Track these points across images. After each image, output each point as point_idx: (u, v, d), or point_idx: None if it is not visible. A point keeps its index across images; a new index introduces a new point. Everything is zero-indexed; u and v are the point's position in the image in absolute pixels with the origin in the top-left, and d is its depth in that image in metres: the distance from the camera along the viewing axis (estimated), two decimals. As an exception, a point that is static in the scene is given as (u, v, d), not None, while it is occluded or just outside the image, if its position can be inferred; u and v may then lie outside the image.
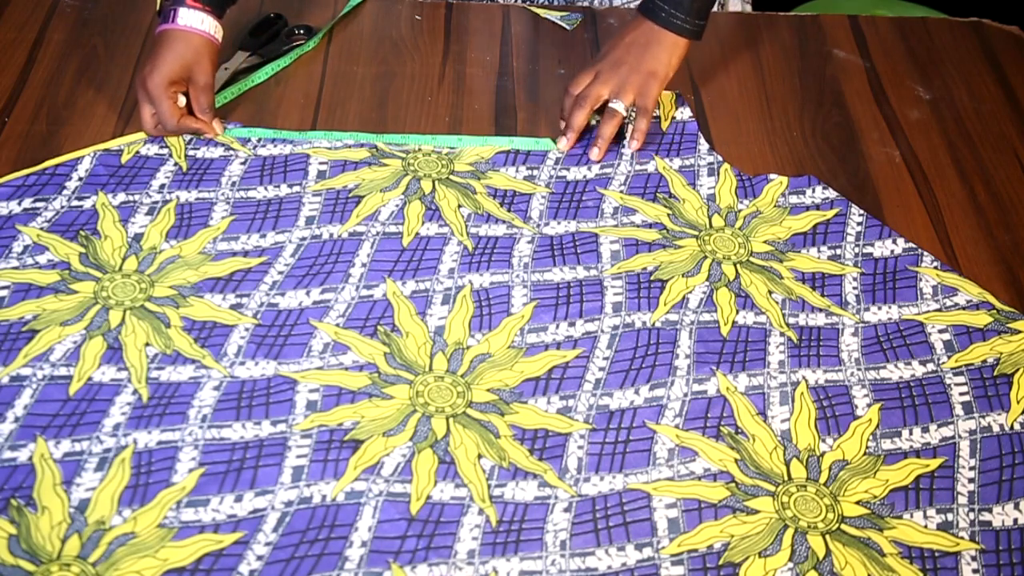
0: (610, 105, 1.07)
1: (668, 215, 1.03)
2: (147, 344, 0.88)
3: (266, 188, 1.02)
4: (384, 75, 1.18)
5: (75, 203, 0.99)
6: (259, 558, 0.76)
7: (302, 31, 1.21)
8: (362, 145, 1.07)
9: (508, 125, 1.13)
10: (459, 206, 1.02)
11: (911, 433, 0.86)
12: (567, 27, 1.24)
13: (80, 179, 1.01)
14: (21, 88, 1.13)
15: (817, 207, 1.04)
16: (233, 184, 1.02)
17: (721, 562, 0.77)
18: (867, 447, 0.85)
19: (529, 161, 1.08)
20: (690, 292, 0.95)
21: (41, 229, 0.97)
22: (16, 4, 1.24)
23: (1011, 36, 1.29)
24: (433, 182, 1.04)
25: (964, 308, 0.94)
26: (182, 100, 1.06)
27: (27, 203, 0.98)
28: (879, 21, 1.29)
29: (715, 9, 1.29)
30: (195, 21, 1.05)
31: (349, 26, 1.24)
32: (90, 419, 0.83)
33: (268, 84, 1.16)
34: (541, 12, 1.26)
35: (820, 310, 0.95)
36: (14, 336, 0.88)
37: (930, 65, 1.23)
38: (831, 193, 1.05)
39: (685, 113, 1.13)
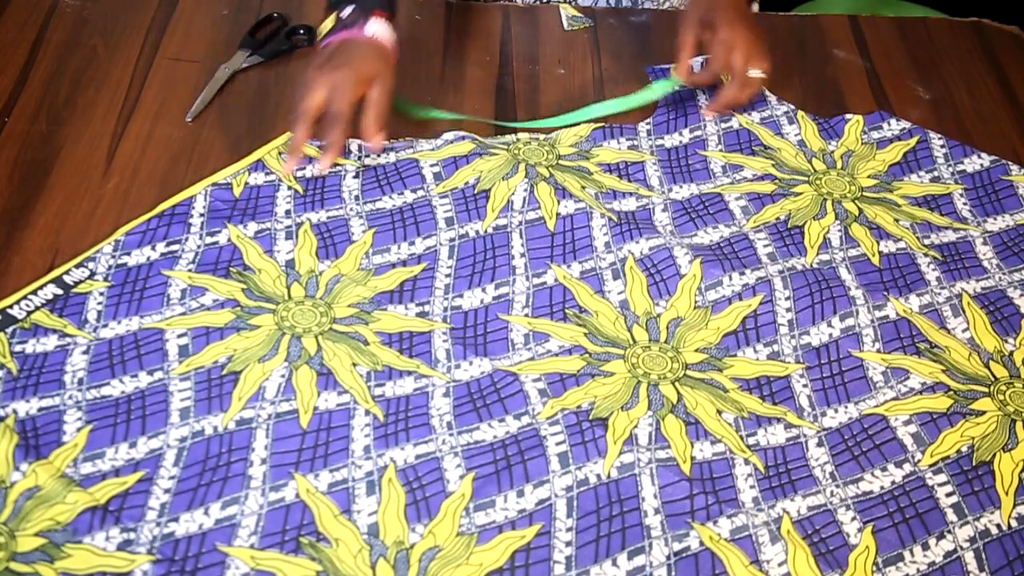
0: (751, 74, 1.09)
1: (773, 165, 1.08)
2: (355, 364, 0.87)
3: (391, 197, 1.02)
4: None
5: (209, 240, 0.95)
6: (568, 544, 0.77)
7: (302, 31, 1.19)
8: (463, 138, 1.07)
9: (509, 125, 1.12)
10: (583, 187, 1.04)
11: None
12: (567, 27, 1.24)
13: (202, 215, 0.97)
14: (21, 88, 1.10)
15: (899, 138, 1.12)
16: (357, 198, 1.01)
17: (975, 463, 0.84)
18: None
19: (625, 133, 1.11)
20: (827, 233, 1.01)
21: (189, 272, 0.93)
22: (16, 4, 1.21)
23: (1011, 36, 1.28)
24: (548, 168, 1.05)
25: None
26: None
27: (161, 247, 0.94)
28: (879, 21, 1.29)
29: None
30: (383, 32, 1.04)
31: (349, 26, 1.22)
32: (337, 447, 0.82)
33: (267, 86, 1.13)
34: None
35: (945, 228, 1.03)
36: (218, 381, 0.85)
37: (930, 65, 1.23)
38: (905, 123, 1.13)
39: (744, 70, 1.19)
